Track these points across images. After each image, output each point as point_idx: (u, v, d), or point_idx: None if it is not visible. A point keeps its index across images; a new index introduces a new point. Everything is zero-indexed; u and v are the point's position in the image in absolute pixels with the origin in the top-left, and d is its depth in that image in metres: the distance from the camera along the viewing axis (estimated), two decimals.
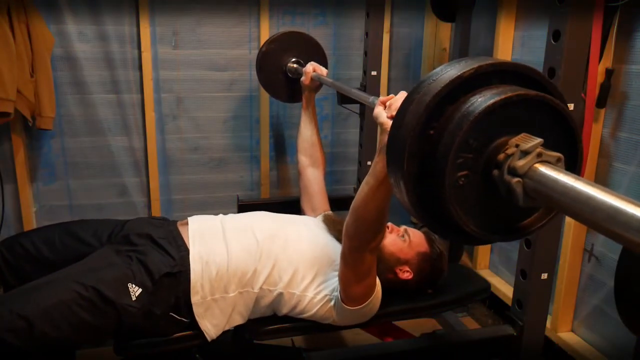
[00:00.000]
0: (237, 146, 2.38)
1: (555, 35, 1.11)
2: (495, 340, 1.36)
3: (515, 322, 1.32)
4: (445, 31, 2.45)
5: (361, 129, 2.20)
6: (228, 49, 2.28)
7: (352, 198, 1.26)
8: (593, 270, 1.74)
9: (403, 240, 1.54)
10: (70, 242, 1.54)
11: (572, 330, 1.84)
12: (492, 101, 0.65)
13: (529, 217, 0.74)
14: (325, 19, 2.36)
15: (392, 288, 1.52)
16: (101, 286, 1.30)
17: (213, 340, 1.43)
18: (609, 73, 1.57)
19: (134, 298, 1.33)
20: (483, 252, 2.36)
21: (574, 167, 0.72)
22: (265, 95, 2.34)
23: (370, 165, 1.18)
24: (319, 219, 1.71)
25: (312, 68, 1.91)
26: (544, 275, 1.26)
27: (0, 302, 1.30)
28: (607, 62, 1.58)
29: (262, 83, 2.14)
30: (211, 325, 1.42)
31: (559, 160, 0.64)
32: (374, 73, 2.09)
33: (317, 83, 1.92)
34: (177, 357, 1.52)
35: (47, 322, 1.23)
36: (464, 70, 0.68)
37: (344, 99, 2.18)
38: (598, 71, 1.55)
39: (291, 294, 1.44)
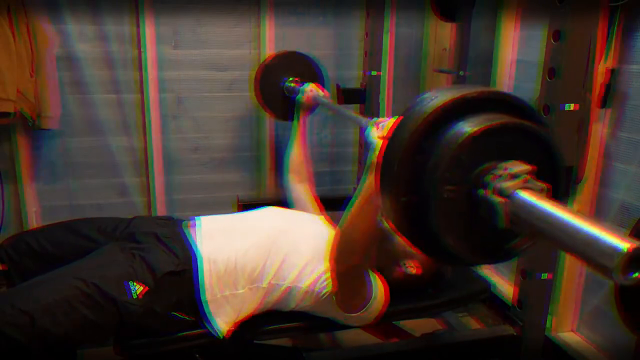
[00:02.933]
0: (237, 146, 2.38)
1: (555, 35, 1.11)
2: (496, 340, 1.36)
3: (516, 322, 1.32)
4: (445, 31, 2.44)
5: (361, 129, 2.20)
6: (228, 49, 2.28)
7: (351, 198, 1.26)
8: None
9: None
10: (74, 239, 1.54)
11: (575, 331, 1.83)
12: (492, 123, 0.66)
13: (511, 241, 0.73)
14: (325, 19, 2.36)
15: (398, 286, 1.51)
16: (102, 283, 1.29)
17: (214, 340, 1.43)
18: (611, 73, 1.57)
19: (134, 296, 1.32)
20: None
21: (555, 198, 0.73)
22: None
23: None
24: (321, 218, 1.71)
25: (312, 87, 1.93)
26: (544, 275, 1.26)
27: (3, 297, 1.30)
28: (608, 62, 1.58)
29: (261, 95, 2.14)
30: (224, 323, 1.42)
31: (543, 190, 0.65)
32: (374, 73, 2.09)
33: (314, 103, 1.93)
34: (177, 357, 1.52)
35: (48, 317, 1.23)
36: (470, 92, 0.68)
37: (343, 99, 2.19)
38: (600, 71, 1.55)
39: (298, 287, 1.44)
